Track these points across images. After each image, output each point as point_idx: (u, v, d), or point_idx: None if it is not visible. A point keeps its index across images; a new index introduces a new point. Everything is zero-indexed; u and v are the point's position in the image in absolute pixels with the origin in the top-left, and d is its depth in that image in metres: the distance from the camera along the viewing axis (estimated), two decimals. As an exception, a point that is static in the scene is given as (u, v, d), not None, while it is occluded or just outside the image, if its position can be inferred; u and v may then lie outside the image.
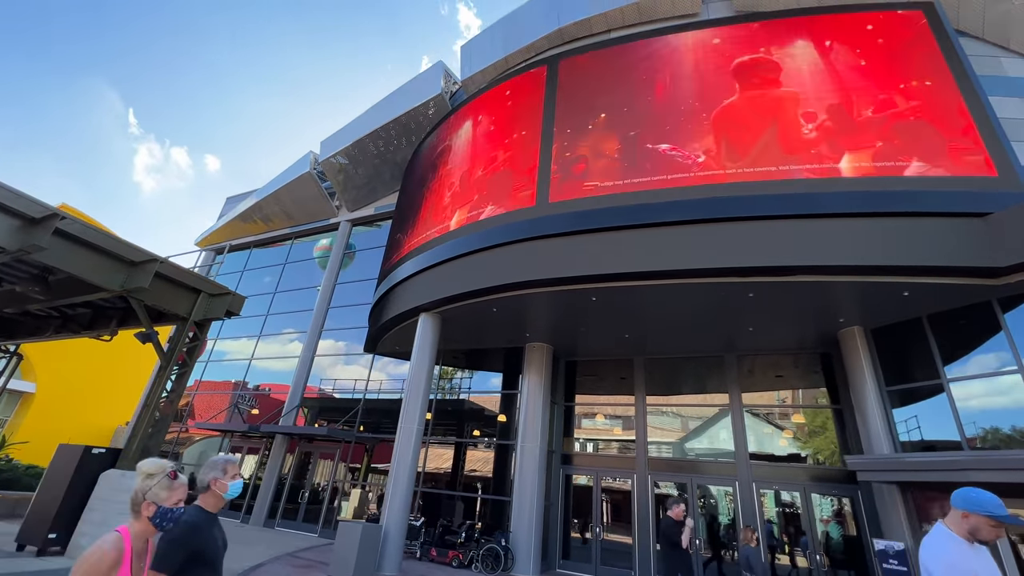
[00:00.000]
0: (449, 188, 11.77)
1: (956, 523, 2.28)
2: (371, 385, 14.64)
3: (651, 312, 9.49)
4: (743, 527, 8.40)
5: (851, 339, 9.30)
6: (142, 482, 1.95)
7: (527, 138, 10.66)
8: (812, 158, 8.31)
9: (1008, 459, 6.48)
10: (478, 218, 10.19)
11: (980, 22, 9.76)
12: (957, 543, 2.18)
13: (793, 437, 10.81)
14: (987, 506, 2.20)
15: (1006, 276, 7.09)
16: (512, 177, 10.31)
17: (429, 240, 11.24)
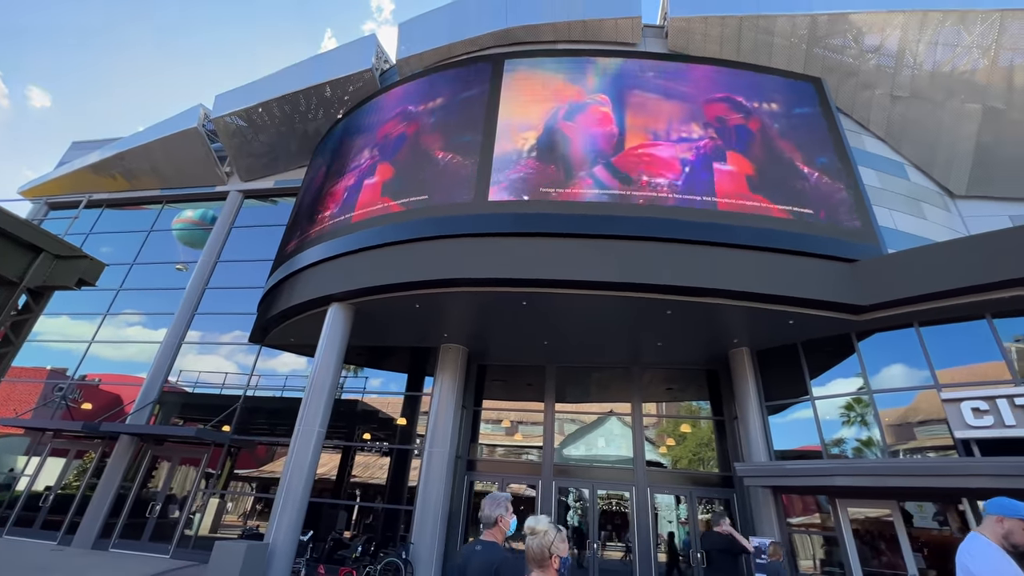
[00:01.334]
0: (375, 172, 10.87)
1: (991, 529, 2.46)
2: (253, 381, 12.85)
3: (576, 320, 9.67)
4: (770, 543, 7.26)
5: (740, 358, 10.43)
6: (543, 539, 2.22)
7: (466, 132, 10.28)
8: (731, 195, 9.22)
9: (860, 466, 7.72)
10: (409, 208, 9.52)
11: (851, 103, 11.78)
12: (997, 549, 2.35)
13: (679, 445, 11.81)
14: (1020, 510, 2.41)
15: (865, 313, 8.52)
16: (449, 171, 9.84)
17: (347, 224, 10.23)
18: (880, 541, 8.39)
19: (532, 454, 11.97)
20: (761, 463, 8.91)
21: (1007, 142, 11.15)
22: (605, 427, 12.18)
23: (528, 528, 2.31)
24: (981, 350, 7.88)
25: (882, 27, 11.03)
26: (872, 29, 11.14)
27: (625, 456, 11.39)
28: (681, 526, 10.61)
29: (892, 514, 7.84)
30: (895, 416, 8.43)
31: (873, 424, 8.38)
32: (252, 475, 12.65)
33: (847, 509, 8.26)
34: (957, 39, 10.95)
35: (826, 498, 8.68)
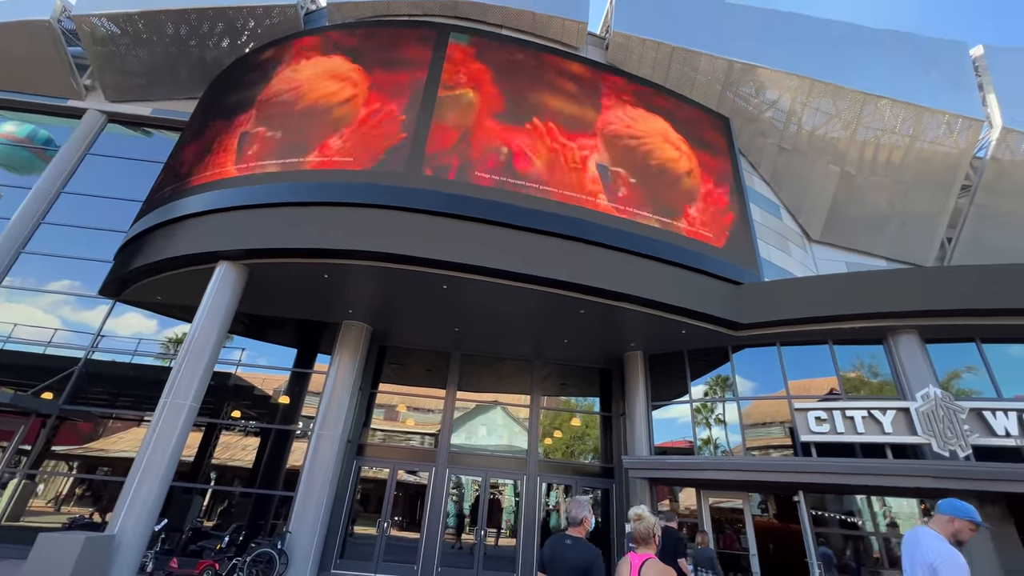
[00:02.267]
0: (289, 121, 9.69)
1: (942, 526, 2.80)
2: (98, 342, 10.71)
3: (492, 310, 9.64)
4: (700, 532, 7.71)
5: (634, 361, 11.30)
6: (648, 523, 2.91)
7: (403, 98, 9.65)
8: (648, 211, 9.91)
9: (726, 462, 8.85)
10: (331, 166, 8.66)
11: (747, 146, 13.40)
12: (948, 543, 2.70)
13: (568, 438, 12.48)
14: (970, 513, 2.78)
15: (742, 330, 9.76)
16: (378, 136, 9.15)
17: (250, 175, 8.99)
18: (726, 525, 9.75)
19: (427, 441, 11.74)
20: (645, 457, 9.75)
21: (853, 202, 13.59)
22: (502, 417, 12.39)
23: (635, 515, 2.97)
24: (822, 368, 9.52)
25: (780, 86, 12.71)
26: (772, 85, 12.78)
27: (519, 447, 11.70)
28: (551, 512, 11.17)
29: (744, 503, 9.13)
30: (753, 418, 9.81)
31: (736, 426, 9.65)
32: (74, 453, 10.54)
33: (709, 499, 9.42)
34: (830, 109, 13.03)
35: (680, 488, 9.86)
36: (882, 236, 14.05)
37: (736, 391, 9.96)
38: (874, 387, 9.20)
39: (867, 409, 8.01)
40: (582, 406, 12.97)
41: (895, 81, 12.79)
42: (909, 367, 8.69)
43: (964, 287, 8.63)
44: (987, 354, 8.71)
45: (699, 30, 12.35)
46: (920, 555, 2.77)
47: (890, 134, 13.10)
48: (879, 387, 9.13)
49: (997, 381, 8.31)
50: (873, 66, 12.98)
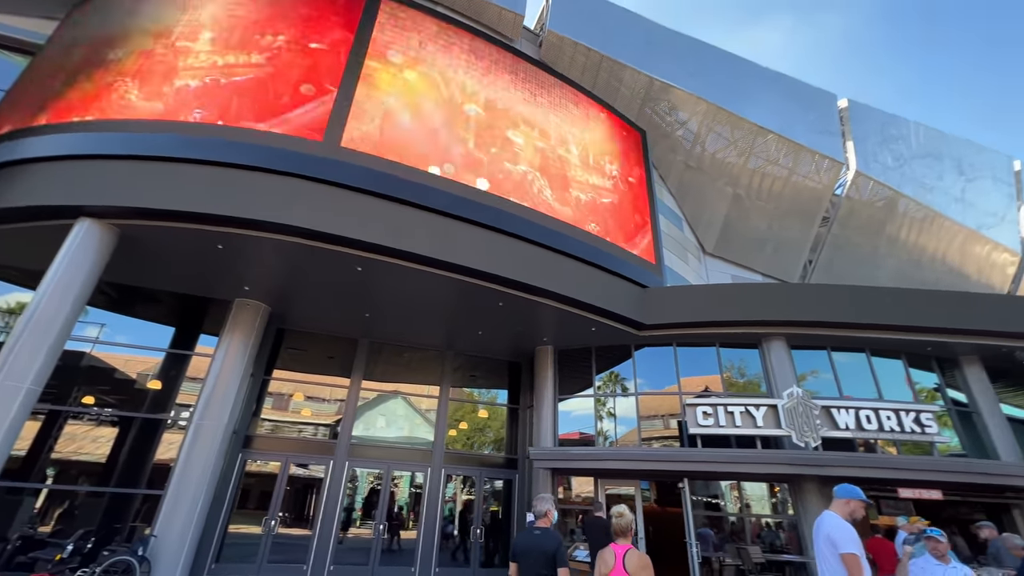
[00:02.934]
0: (180, 58, 8.37)
1: (840, 508, 3.27)
2: None
3: (409, 297, 9.26)
4: None
5: (544, 355, 11.59)
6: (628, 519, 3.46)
7: (325, 63, 8.83)
8: (573, 212, 10.19)
9: (624, 452, 9.46)
10: (235, 123, 7.65)
11: (659, 161, 14.40)
12: (844, 520, 3.20)
13: (474, 429, 12.49)
14: (860, 494, 3.29)
15: (644, 330, 10.48)
16: (294, 97, 8.28)
17: (130, 119, 7.62)
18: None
19: (323, 432, 11.00)
20: (550, 448, 10.07)
21: (741, 222, 15.27)
22: (404, 408, 12.01)
23: (617, 512, 3.52)
24: (709, 367, 10.57)
25: (691, 108, 13.83)
26: (684, 107, 13.86)
27: (422, 438, 11.45)
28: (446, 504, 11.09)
29: (635, 490, 9.84)
30: (648, 412, 10.61)
31: (633, 419, 10.36)
32: None
33: (605, 487, 10.01)
34: (729, 136, 14.50)
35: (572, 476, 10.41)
36: (761, 254, 16.01)
37: (636, 387, 10.69)
38: (740, 386, 10.43)
39: (745, 405, 9.06)
40: (489, 398, 13.04)
41: (780, 118, 14.59)
42: (777, 369, 9.99)
43: (820, 303, 10.13)
44: (834, 360, 10.33)
45: (627, 44, 12.97)
46: (823, 531, 3.30)
47: (773, 165, 14.93)
48: (743, 386, 10.39)
49: (842, 384, 9.89)
50: (764, 102, 14.67)
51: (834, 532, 3.20)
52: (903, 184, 16.01)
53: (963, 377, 10.44)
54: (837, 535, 3.18)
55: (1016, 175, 19.31)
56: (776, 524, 9.76)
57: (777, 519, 9.84)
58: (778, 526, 9.67)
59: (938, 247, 17.30)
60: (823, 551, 3.29)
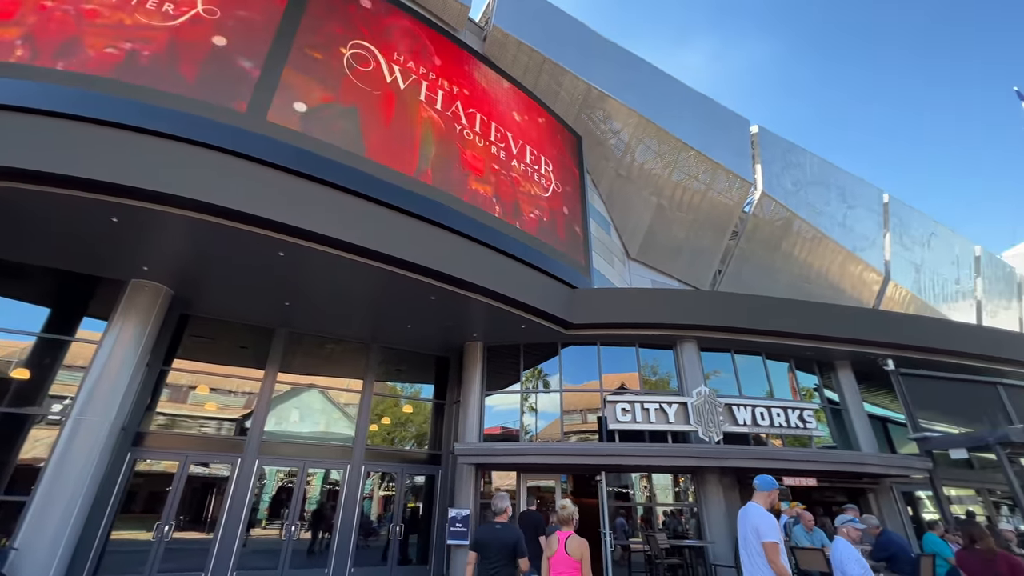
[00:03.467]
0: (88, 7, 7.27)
1: (763, 499, 3.66)
2: None
3: (336, 286, 8.81)
4: (553, 511, 8.09)
5: (473, 350, 11.61)
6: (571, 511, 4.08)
7: (253, 29, 8.10)
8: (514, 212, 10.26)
9: (550, 448, 9.75)
10: (151, 83, 6.78)
11: (592, 167, 14.95)
12: (766, 510, 3.59)
13: (397, 425, 12.21)
14: (777, 484, 3.69)
15: (571, 329, 10.87)
16: (214, 56, 7.51)
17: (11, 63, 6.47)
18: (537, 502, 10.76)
19: (227, 427, 10.17)
20: (475, 444, 10.12)
21: (663, 231, 16.30)
22: (321, 402, 11.44)
23: (561, 505, 4.12)
24: (628, 365, 11.20)
25: (624, 119, 14.49)
26: (618, 117, 14.50)
27: (341, 433, 10.99)
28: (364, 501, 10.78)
29: (555, 483, 10.20)
30: (570, 408, 11.02)
31: (557, 414, 10.72)
32: None
33: (527, 480, 10.26)
34: (656, 149, 15.40)
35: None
36: (678, 261, 17.22)
37: (561, 383, 11.05)
38: (653, 383, 11.19)
39: (659, 403, 9.73)
40: (413, 392, 12.79)
41: (701, 137, 15.76)
42: (688, 369, 10.84)
43: (726, 310, 11.14)
44: (736, 362, 11.41)
45: (569, 49, 13.28)
46: (749, 521, 3.68)
47: (693, 180, 16.11)
48: (656, 383, 11.17)
49: (741, 384, 10.95)
50: (689, 120, 15.76)
51: (759, 522, 3.61)
52: (798, 207, 18.02)
53: (836, 379, 12.01)
54: (761, 524, 3.60)
55: (884, 206, 22.49)
56: (678, 512, 10.60)
57: (678, 506, 10.70)
58: (679, 513, 10.51)
59: (823, 264, 19.70)
60: (749, 539, 3.64)
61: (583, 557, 3.85)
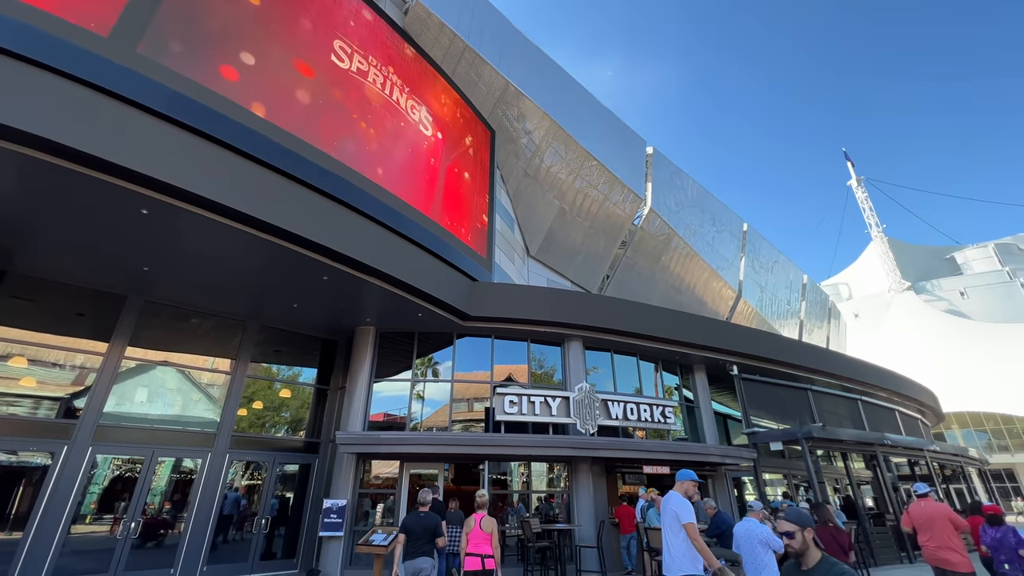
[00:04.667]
0: None
1: (682, 489, 4.19)
2: None
3: (210, 255, 7.85)
4: (451, 499, 8.77)
5: (365, 335, 11.16)
6: (487, 497, 5.79)
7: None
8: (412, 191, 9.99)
9: (437, 437, 9.78)
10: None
11: (503, 163, 15.16)
12: (684, 498, 4.13)
13: (267, 410, 11.28)
14: (695, 476, 4.23)
15: (468, 320, 10.98)
16: (70, -36, 6.19)
17: None
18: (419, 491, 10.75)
19: (52, 407, 8.57)
20: (359, 432, 9.77)
21: (562, 233, 17.13)
22: (178, 381, 10.17)
23: (479, 494, 5.63)
24: (519, 359, 11.65)
25: (537, 121, 14.92)
26: (532, 118, 14.87)
27: (201, 417, 9.89)
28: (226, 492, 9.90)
29: (439, 471, 10.28)
30: (460, 397, 11.16)
31: (446, 403, 10.78)
32: None
33: (411, 468, 10.19)
34: (563, 155, 16.11)
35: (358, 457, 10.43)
36: (572, 264, 18.25)
37: (453, 374, 11.12)
38: (539, 377, 11.83)
39: (545, 396, 10.29)
40: (290, 376, 11.91)
41: (605, 149, 16.84)
42: (573, 365, 11.61)
43: (609, 313, 12.13)
44: (614, 361, 12.50)
45: (490, 41, 13.25)
46: (669, 508, 4.20)
47: (594, 188, 17.17)
48: (541, 376, 11.83)
49: (616, 381, 12.02)
50: (595, 132, 16.74)
51: (678, 508, 4.13)
52: (678, 225, 20.19)
53: (693, 380, 13.77)
54: (680, 510, 4.12)
55: (744, 233, 26.15)
56: (549, 497, 11.34)
57: (552, 492, 11.45)
58: (551, 498, 11.25)
59: (692, 279, 22.35)
60: (670, 523, 4.13)
61: (493, 531, 5.38)
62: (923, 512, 5.75)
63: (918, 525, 5.77)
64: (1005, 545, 5.63)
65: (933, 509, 5.72)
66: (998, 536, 5.72)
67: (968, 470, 18.71)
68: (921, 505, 5.86)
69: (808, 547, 2.39)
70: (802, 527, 2.41)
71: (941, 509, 5.71)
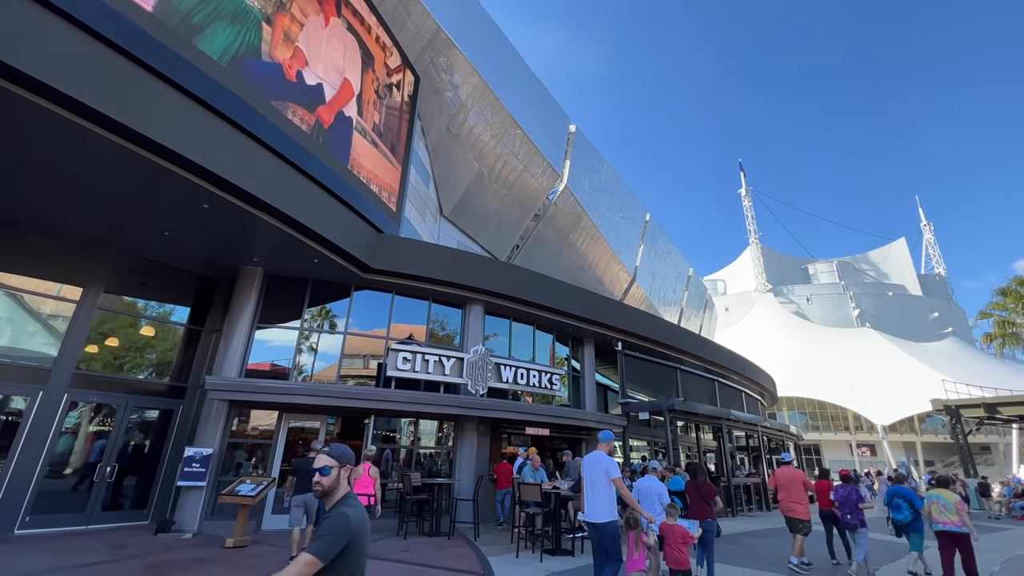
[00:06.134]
0: None
1: (605, 448, 4.82)
2: None
3: (65, 164, 6.54)
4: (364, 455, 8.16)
5: (251, 276, 10.21)
6: (375, 449, 8.50)
7: None
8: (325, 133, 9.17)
9: (322, 389, 9.40)
10: None
11: (424, 113, 14.44)
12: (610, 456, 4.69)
13: (127, 348, 10.01)
14: (613, 436, 4.90)
15: (368, 273, 10.54)
16: None
17: None
18: (298, 445, 10.34)
19: None
20: (234, 379, 9.05)
21: (478, 197, 16.96)
22: (17, 310, 8.61)
23: (369, 448, 8.14)
24: (419, 318, 11.53)
25: (465, 76, 14.36)
26: (460, 71, 14.28)
27: (42, 352, 8.50)
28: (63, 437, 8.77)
29: (321, 425, 9.95)
30: (352, 351, 10.80)
31: (336, 356, 10.38)
32: None
33: (290, 421, 9.73)
34: (489, 117, 15.80)
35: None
36: (484, 229, 18.24)
37: (347, 326, 10.69)
38: (439, 338, 11.88)
39: (439, 356, 10.34)
40: (161, 313, 10.60)
41: (530, 119, 16.81)
42: (472, 329, 11.77)
43: (511, 281, 12.41)
44: (512, 328, 12.90)
45: (425, -22, 12.32)
46: (600, 465, 4.81)
47: (514, 157, 17.14)
48: (442, 338, 11.89)
49: (512, 347, 12.45)
50: (522, 100, 16.59)
51: (608, 465, 4.78)
52: (588, 206, 21.03)
53: (582, 352, 14.74)
54: (610, 467, 4.77)
55: (645, 223, 28.06)
56: (436, 454, 11.60)
57: (438, 450, 11.73)
58: (436, 455, 11.52)
59: (595, 259, 23.59)
60: (597, 478, 4.74)
61: (376, 478, 7.01)
62: (785, 475, 7.43)
63: (780, 484, 7.42)
64: (848, 500, 7.23)
65: (792, 473, 7.44)
66: (844, 493, 7.31)
67: (787, 443, 22.59)
68: (784, 471, 7.54)
69: (338, 486, 2.16)
70: (341, 464, 2.19)
71: (797, 474, 7.44)
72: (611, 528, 4.65)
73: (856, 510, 7.16)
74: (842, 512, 7.29)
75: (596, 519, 4.68)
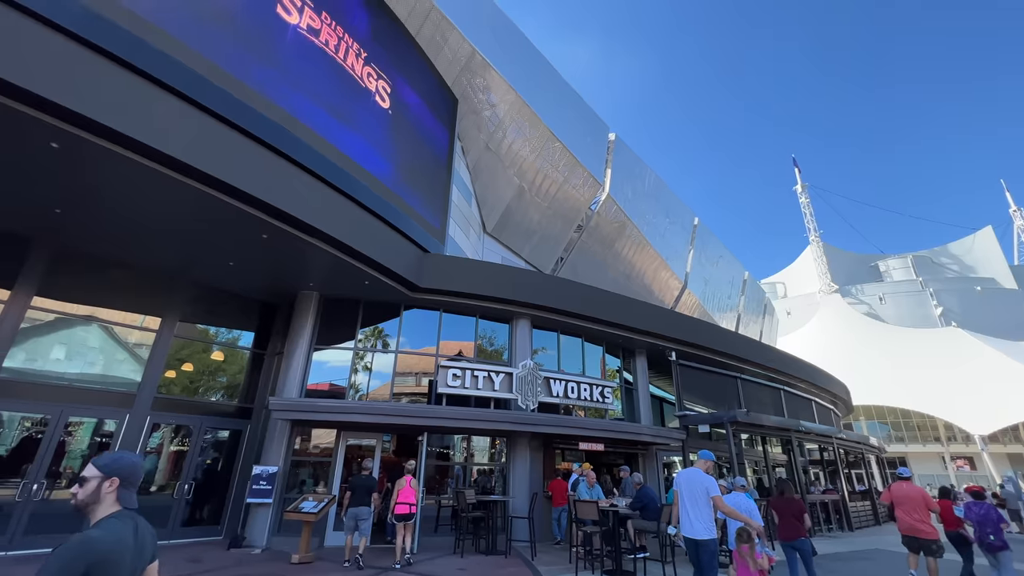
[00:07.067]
0: None
1: (704, 465, 4.92)
2: None
3: (134, 202, 7.21)
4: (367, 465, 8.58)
5: (307, 301, 10.73)
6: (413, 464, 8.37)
7: None
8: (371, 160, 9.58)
9: (376, 407, 9.64)
10: None
11: (464, 133, 14.79)
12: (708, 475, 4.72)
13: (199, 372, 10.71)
14: (712, 456, 4.80)
15: (417, 292, 10.80)
16: None
17: None
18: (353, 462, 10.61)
19: (-57, 359, 7.73)
20: (295, 399, 9.47)
21: (520, 212, 17.07)
22: (100, 339, 9.45)
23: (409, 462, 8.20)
24: (467, 334, 11.62)
25: (503, 95, 14.61)
26: (497, 91, 14.55)
27: (124, 378, 9.26)
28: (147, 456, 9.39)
29: (376, 442, 10.18)
30: (404, 369, 11.03)
31: (389, 374, 10.64)
32: None
33: (348, 438, 10.03)
34: (527, 132, 15.94)
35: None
36: (528, 243, 18.29)
37: (398, 345, 10.95)
38: (488, 353, 11.88)
39: (488, 371, 10.35)
40: (229, 339, 11.33)
41: (569, 132, 16.80)
42: (520, 343, 11.72)
43: (559, 294, 12.28)
44: (560, 341, 12.73)
45: (459, 4, 12.74)
46: (698, 482, 4.88)
47: (555, 170, 17.15)
48: (491, 354, 11.88)
49: (561, 361, 12.27)
50: (560, 113, 16.63)
51: (708, 483, 4.87)
52: (633, 214, 20.62)
53: (634, 364, 14.29)
54: (710, 484, 4.86)
55: (694, 228, 27.13)
56: (489, 470, 11.54)
57: (491, 466, 11.66)
58: (490, 472, 11.45)
59: (642, 267, 23.01)
60: (698, 494, 4.82)
61: (417, 489, 7.65)
62: (902, 491, 6.92)
63: (896, 501, 6.93)
64: (989, 519, 6.44)
65: (911, 490, 6.90)
66: (982, 512, 6.52)
67: (868, 457, 20.73)
68: (902, 486, 7.00)
69: (98, 501, 1.76)
70: (106, 476, 1.78)
71: (917, 490, 6.91)
72: (713, 545, 4.83)
73: (998, 530, 6.31)
74: (982, 532, 6.40)
75: (699, 535, 4.81)
